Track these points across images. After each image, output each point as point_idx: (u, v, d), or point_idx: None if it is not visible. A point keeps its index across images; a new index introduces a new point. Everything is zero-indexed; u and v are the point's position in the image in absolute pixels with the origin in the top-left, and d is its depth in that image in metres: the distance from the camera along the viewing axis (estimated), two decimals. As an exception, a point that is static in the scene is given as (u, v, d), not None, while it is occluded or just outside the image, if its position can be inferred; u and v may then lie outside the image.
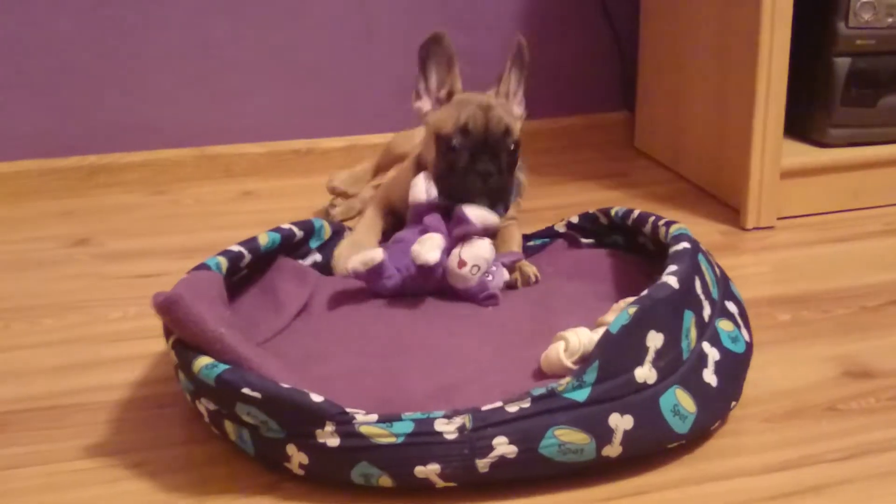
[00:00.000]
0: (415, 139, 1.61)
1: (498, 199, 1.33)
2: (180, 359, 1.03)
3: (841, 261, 1.52)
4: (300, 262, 1.37)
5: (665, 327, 1.01)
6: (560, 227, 1.46)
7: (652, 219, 1.30)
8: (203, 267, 1.19)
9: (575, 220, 1.45)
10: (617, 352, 0.98)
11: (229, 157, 1.97)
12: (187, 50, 1.91)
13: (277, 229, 1.33)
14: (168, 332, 1.07)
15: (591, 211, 1.43)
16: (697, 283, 1.09)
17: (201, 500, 0.97)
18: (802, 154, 1.71)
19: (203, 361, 0.99)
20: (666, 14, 1.92)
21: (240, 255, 1.25)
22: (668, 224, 1.25)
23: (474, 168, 1.31)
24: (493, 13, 2.01)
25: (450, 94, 1.37)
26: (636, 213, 1.35)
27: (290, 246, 1.36)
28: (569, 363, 1.04)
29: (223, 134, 1.97)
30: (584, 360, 1.00)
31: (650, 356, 0.99)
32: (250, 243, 1.27)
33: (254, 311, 1.26)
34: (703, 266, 1.14)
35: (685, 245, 1.14)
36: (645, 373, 0.98)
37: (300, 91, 1.99)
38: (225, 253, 1.23)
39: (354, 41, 1.97)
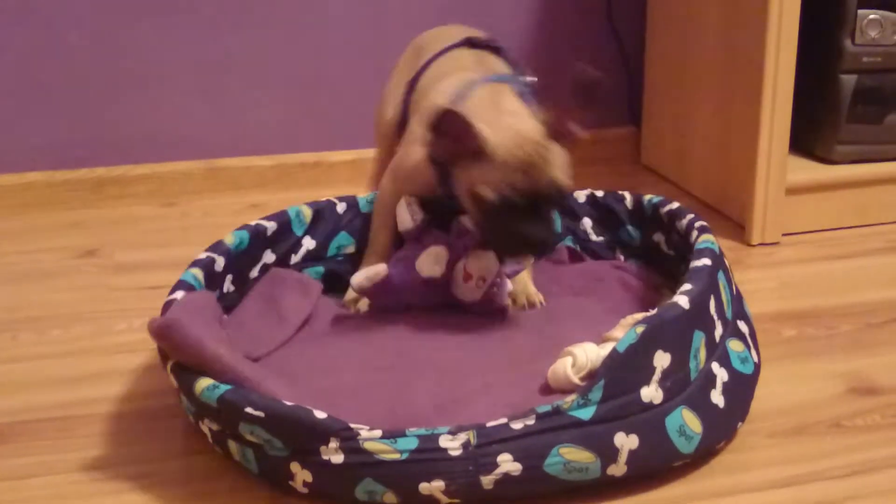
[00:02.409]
0: (391, 104, 1.47)
1: (550, 251, 1.26)
2: (181, 382, 1.02)
3: (846, 277, 1.52)
4: (294, 255, 1.37)
5: (673, 347, 1.00)
6: (580, 197, 1.46)
7: (690, 217, 1.29)
8: (183, 285, 1.18)
9: (600, 194, 1.45)
10: (623, 371, 0.97)
11: (237, 170, 1.98)
12: (196, 63, 1.92)
13: (244, 227, 1.33)
14: (164, 357, 1.06)
15: (620, 192, 1.42)
16: (712, 303, 1.08)
17: (202, 513, 0.97)
18: (808, 170, 1.71)
19: (204, 383, 0.99)
20: (672, 30, 1.92)
21: (210, 261, 1.24)
22: (701, 231, 1.24)
23: (525, 234, 1.16)
24: (503, 29, 2.01)
25: (477, 151, 1.15)
26: (674, 205, 1.35)
27: (270, 240, 1.35)
28: (576, 379, 1.04)
29: (231, 147, 1.98)
30: (591, 377, 1.00)
31: (657, 376, 0.98)
32: (218, 247, 1.27)
33: (255, 322, 1.26)
34: (721, 284, 1.13)
35: (706, 262, 1.12)
36: (651, 392, 0.98)
37: (308, 104, 1.99)
38: (196, 263, 1.23)
39: (363, 55, 1.98)
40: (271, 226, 1.36)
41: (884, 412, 1.13)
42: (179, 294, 1.15)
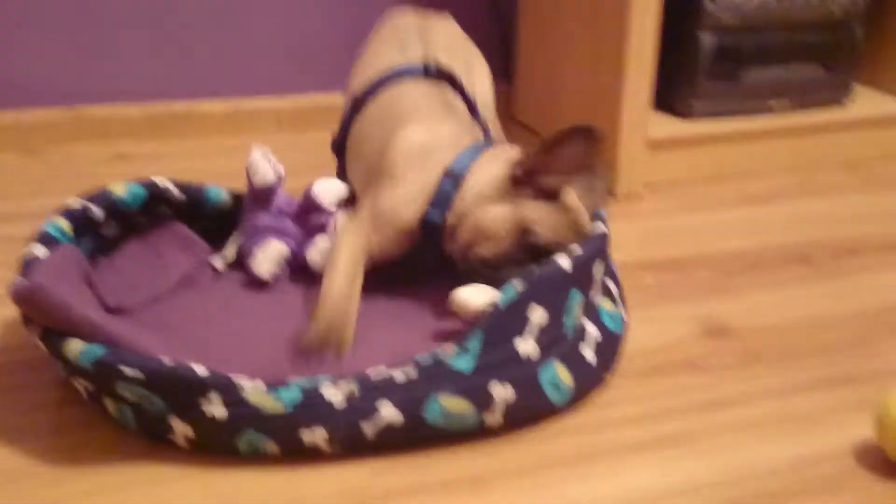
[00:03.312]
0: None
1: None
2: (50, 347, 1.00)
3: (703, 228, 1.60)
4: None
5: (548, 303, 1.03)
6: None
7: None
8: (44, 238, 1.15)
9: None
10: (500, 323, 1.01)
11: (104, 119, 1.92)
12: (59, 3, 1.85)
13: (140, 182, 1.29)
14: (28, 321, 1.03)
15: None
16: (599, 267, 1.12)
17: (76, 463, 0.96)
18: (668, 125, 1.78)
19: (76, 346, 0.97)
20: (543, -14, 1.96)
21: (82, 211, 1.22)
22: None
23: (498, 275, 1.13)
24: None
25: (553, 194, 1.16)
26: None
27: (178, 207, 1.33)
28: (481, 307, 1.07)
29: (98, 94, 1.91)
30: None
31: (532, 330, 1.02)
32: (99, 198, 1.24)
33: (134, 269, 1.25)
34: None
35: (601, 229, 1.16)
36: (527, 348, 1.01)
37: (179, 51, 1.94)
38: (64, 213, 1.20)
39: (236, 1, 1.94)
40: (179, 195, 1.32)
41: (735, 353, 1.20)
42: (38, 248, 1.12)
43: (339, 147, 1.41)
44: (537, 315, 1.03)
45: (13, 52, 1.85)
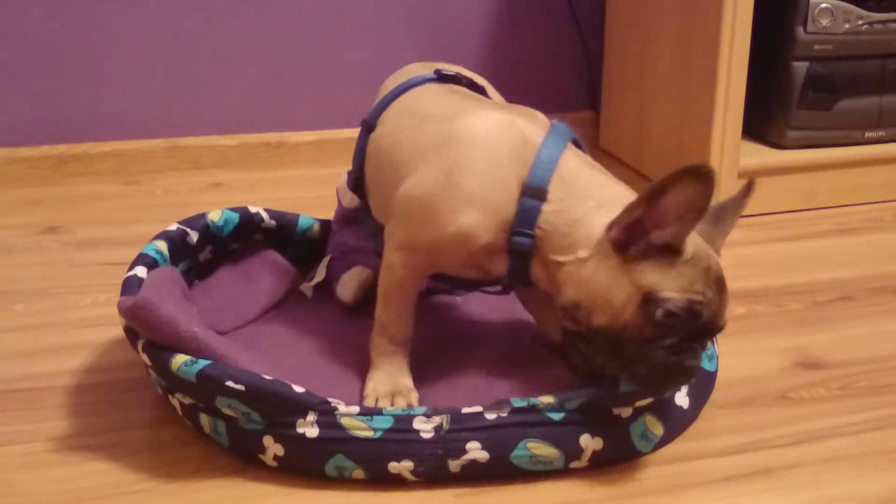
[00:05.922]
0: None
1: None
2: (154, 360, 1.02)
3: (794, 258, 1.57)
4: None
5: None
6: None
7: None
8: (144, 259, 1.19)
9: None
10: (605, 400, 1.00)
11: (200, 149, 1.98)
12: (160, 41, 1.92)
13: (235, 209, 1.34)
14: (132, 336, 1.06)
15: None
16: None
17: (170, 480, 0.99)
18: (760, 155, 1.76)
19: (181, 359, 0.99)
20: (631, 16, 1.96)
21: (181, 234, 1.27)
22: None
23: (681, 362, 0.97)
24: (462, 12, 2.04)
25: (672, 249, 0.94)
26: None
27: (269, 234, 1.37)
28: None
29: (194, 126, 1.98)
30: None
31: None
32: (194, 222, 1.29)
33: (228, 293, 1.28)
34: None
35: None
36: (621, 408, 1.01)
37: (271, 84, 2.00)
38: (161, 236, 1.25)
39: (325, 36, 1.99)
40: (270, 222, 1.37)
41: (827, 385, 1.17)
42: (140, 270, 1.16)
43: (359, 182, 1.21)
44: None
45: (114, 87, 1.93)
